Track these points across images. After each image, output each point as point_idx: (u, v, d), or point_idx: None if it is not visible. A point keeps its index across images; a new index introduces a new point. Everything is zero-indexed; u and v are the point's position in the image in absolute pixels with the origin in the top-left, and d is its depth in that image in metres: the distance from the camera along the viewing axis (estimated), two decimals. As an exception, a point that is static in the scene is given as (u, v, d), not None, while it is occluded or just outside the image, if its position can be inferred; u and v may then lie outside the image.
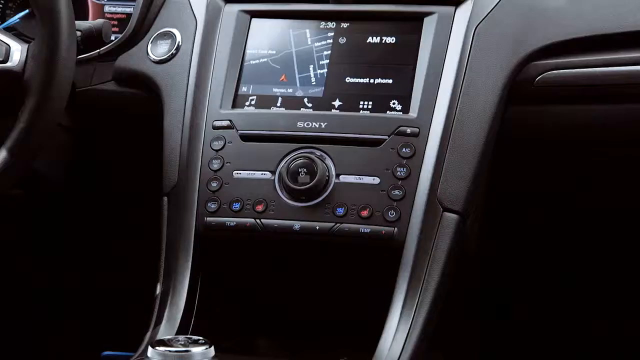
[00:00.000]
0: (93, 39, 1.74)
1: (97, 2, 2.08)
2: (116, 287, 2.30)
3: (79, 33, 1.73)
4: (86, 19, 2.06)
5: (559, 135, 1.79)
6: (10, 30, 1.96)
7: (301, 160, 1.68)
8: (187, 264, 1.70)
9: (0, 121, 1.60)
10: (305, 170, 1.67)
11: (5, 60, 1.60)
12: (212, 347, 1.37)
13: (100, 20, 1.75)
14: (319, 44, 1.80)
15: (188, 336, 1.44)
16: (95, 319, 2.38)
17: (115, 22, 2.05)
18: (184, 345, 1.40)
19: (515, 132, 1.78)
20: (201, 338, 1.41)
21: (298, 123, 1.73)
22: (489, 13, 1.77)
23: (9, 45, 1.62)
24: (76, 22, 1.71)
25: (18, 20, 1.95)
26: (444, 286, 1.64)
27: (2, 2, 2.10)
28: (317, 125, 1.72)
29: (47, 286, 2.37)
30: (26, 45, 1.62)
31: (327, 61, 1.78)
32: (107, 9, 2.07)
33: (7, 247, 2.23)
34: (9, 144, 1.54)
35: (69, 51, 1.56)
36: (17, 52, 1.61)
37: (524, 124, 1.78)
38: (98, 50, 1.92)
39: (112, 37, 1.96)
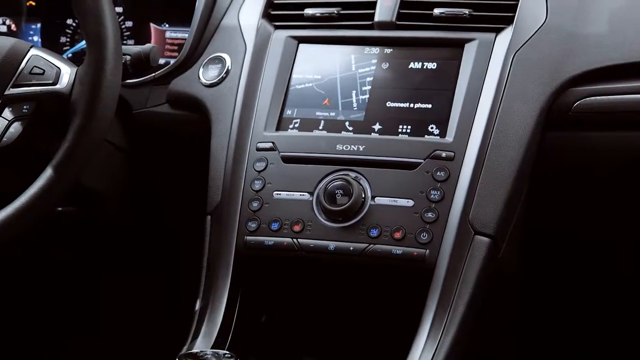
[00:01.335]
0: (141, 62, 1.80)
1: (159, 28, 2.16)
2: (157, 302, 2.37)
3: (128, 57, 1.80)
4: (149, 43, 2.15)
5: (597, 161, 1.78)
6: (80, 55, 2.06)
7: (338, 182, 1.72)
8: (227, 281, 1.75)
9: (49, 140, 1.66)
10: (341, 191, 1.71)
11: (55, 83, 1.68)
12: (238, 361, 1.41)
13: (148, 45, 1.81)
14: (363, 70, 1.84)
15: (216, 350, 1.49)
16: (134, 333, 2.45)
17: (175, 47, 2.13)
18: (211, 358, 1.45)
19: (553, 158, 1.78)
20: (228, 352, 1.46)
21: (337, 146, 1.77)
22: (528, 39, 1.78)
23: (59, 69, 1.69)
24: (126, 46, 1.80)
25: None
26: (473, 308, 1.65)
27: (72, 27, 2.20)
28: (356, 148, 1.76)
29: (87, 299, 2.46)
30: (75, 69, 1.69)
31: (369, 87, 1.82)
32: (168, 34, 2.15)
33: (57, 261, 2.32)
34: (55, 161, 1.61)
35: (114, 75, 1.62)
36: (67, 74, 1.68)
37: (562, 149, 1.78)
38: (154, 74, 2.00)
39: (166, 61, 2.04)
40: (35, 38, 2.25)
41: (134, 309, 2.44)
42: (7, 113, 1.67)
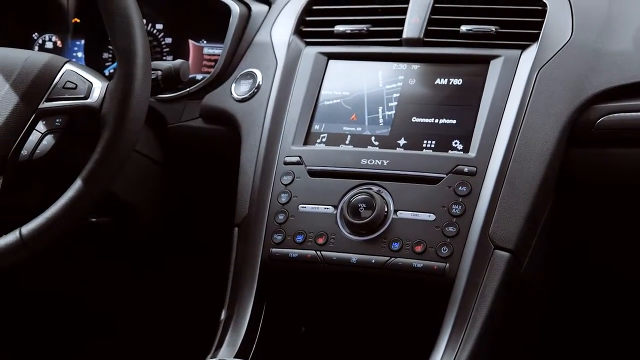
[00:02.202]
0: (172, 78, 1.84)
1: (197, 44, 2.21)
2: (184, 310, 2.42)
3: (159, 72, 1.83)
4: (187, 59, 2.21)
5: (621, 178, 1.79)
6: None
7: (361, 196, 1.74)
8: (252, 292, 1.78)
9: (80, 152, 1.71)
10: (364, 205, 1.73)
11: (86, 97, 1.72)
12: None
13: (178, 61, 1.85)
14: (390, 86, 1.87)
15: (234, 359, 1.52)
16: (161, 341, 2.50)
17: (212, 63, 2.18)
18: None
19: (577, 174, 1.79)
20: None
21: (362, 160, 1.79)
22: (553, 56, 1.80)
23: (91, 83, 1.74)
24: (157, 62, 1.84)
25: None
26: (493, 323, 1.66)
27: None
28: (380, 163, 1.78)
29: (115, 306, 2.52)
30: (106, 83, 1.73)
31: (396, 103, 1.85)
32: (205, 50, 2.21)
33: (91, 271, 2.38)
34: (84, 173, 1.65)
35: (143, 89, 1.66)
36: (98, 89, 1.73)
37: (586, 166, 1.79)
38: (188, 89, 2.06)
39: (203, 76, 2.08)
40: (80, 54, 2.32)
41: (162, 316, 2.49)
42: (41, 126, 1.72)
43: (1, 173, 1.70)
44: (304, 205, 1.79)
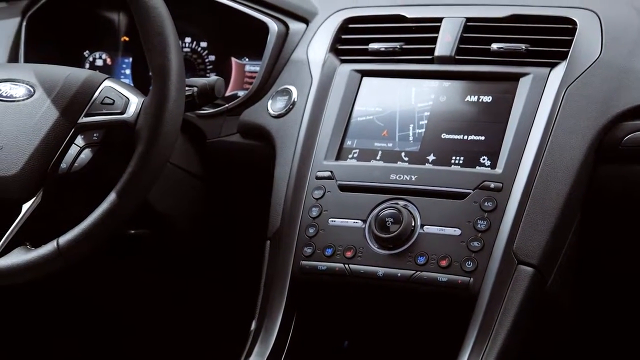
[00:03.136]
0: (207, 94, 1.89)
1: (239, 62, 2.27)
2: (215, 320, 2.47)
3: (195, 89, 1.88)
4: (229, 76, 2.26)
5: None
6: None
7: (389, 210, 1.77)
8: (281, 304, 1.82)
9: (116, 166, 1.76)
10: (391, 219, 1.76)
11: (123, 112, 1.78)
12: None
13: (214, 77, 1.89)
14: (421, 104, 1.89)
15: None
16: (191, 350, 2.55)
17: (253, 80, 2.22)
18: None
19: (606, 191, 1.80)
20: None
21: (391, 175, 1.83)
22: (581, 74, 1.81)
23: (128, 99, 1.79)
24: (193, 79, 1.89)
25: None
26: (515, 338, 1.68)
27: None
28: (408, 178, 1.81)
29: (148, 316, 2.58)
30: (142, 98, 1.78)
31: (426, 121, 1.87)
32: (247, 68, 2.27)
33: (127, 280, 2.45)
34: (118, 186, 1.70)
35: (176, 105, 1.70)
36: (134, 104, 1.78)
37: (614, 183, 1.80)
38: (227, 105, 2.11)
39: (245, 93, 2.14)
40: (127, 71, 2.39)
41: (194, 326, 2.55)
42: (80, 140, 1.78)
43: (41, 185, 1.76)
44: (334, 219, 1.83)
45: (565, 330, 1.97)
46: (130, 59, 2.38)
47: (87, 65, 2.41)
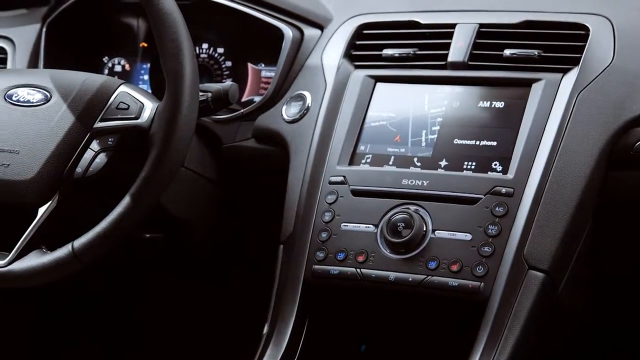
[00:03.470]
0: (221, 99, 1.91)
1: (256, 67, 2.29)
2: (228, 325, 2.48)
3: (209, 94, 1.90)
4: (246, 81, 2.28)
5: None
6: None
7: (400, 215, 1.79)
8: (294, 308, 1.83)
9: (130, 170, 1.78)
10: (403, 224, 1.77)
11: (137, 117, 1.80)
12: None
13: (228, 83, 1.91)
14: (434, 110, 1.90)
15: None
16: (204, 355, 2.57)
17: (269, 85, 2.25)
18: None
19: (617, 197, 1.80)
20: None
21: (403, 180, 1.84)
22: (593, 80, 1.81)
23: (143, 104, 1.81)
24: (207, 84, 1.91)
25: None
26: (525, 342, 1.68)
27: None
28: (420, 183, 1.82)
29: (160, 318, 2.60)
30: (157, 103, 1.80)
31: (439, 127, 1.88)
32: (263, 73, 2.28)
33: (141, 282, 2.47)
34: (132, 190, 1.72)
35: (190, 110, 1.72)
36: (148, 109, 1.80)
37: (626, 189, 1.80)
38: (242, 111, 2.13)
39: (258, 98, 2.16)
40: (146, 77, 2.41)
41: (207, 329, 2.56)
42: (95, 145, 1.80)
43: (57, 189, 1.78)
44: (346, 224, 1.84)
45: (576, 336, 1.97)
46: (149, 65, 2.40)
47: (106, 71, 2.44)
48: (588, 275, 1.83)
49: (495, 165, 1.81)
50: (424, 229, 1.77)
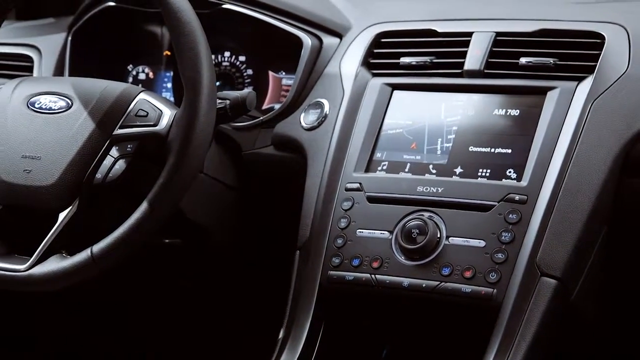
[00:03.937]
0: (239, 106, 1.93)
1: (276, 75, 2.31)
2: (245, 329, 2.50)
3: (227, 101, 1.92)
4: (267, 89, 2.31)
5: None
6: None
7: (415, 222, 1.80)
8: (309, 313, 1.85)
9: (148, 176, 1.81)
10: (417, 231, 1.79)
11: (155, 124, 1.83)
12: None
13: (246, 91, 1.93)
14: (450, 118, 1.92)
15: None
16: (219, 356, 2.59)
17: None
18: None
19: (631, 205, 1.81)
20: None
21: (418, 187, 1.85)
22: (607, 88, 1.82)
23: (161, 111, 1.84)
24: (225, 92, 1.93)
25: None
26: (536, 349, 1.69)
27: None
28: (435, 190, 1.84)
29: (176, 322, 2.62)
30: (175, 111, 1.83)
31: (454, 135, 1.90)
32: (284, 81, 2.31)
33: (158, 286, 2.50)
34: (150, 196, 1.74)
35: (207, 118, 1.74)
36: (167, 116, 1.82)
37: (639, 197, 1.80)
38: (261, 118, 2.15)
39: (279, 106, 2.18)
40: (169, 85, 2.45)
41: (223, 333, 2.59)
42: (114, 151, 1.83)
43: (77, 195, 1.81)
44: (362, 230, 1.86)
45: (589, 343, 1.97)
46: (172, 73, 2.43)
47: (130, 79, 2.47)
48: (602, 282, 1.84)
49: (510, 172, 1.82)
50: (438, 236, 1.79)
